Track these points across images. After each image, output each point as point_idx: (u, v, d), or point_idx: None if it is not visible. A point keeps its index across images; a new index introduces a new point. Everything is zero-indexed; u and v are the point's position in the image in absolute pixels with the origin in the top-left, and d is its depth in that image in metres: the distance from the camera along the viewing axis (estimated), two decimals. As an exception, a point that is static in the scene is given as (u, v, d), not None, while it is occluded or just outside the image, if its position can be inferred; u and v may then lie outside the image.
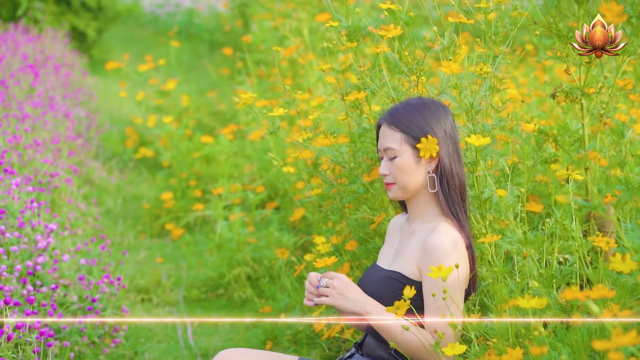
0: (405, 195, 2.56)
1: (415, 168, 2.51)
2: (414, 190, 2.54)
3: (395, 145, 2.51)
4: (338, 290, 2.43)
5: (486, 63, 2.88)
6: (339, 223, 3.44)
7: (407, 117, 2.52)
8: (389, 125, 2.54)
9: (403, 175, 2.52)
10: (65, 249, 4.22)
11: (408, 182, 2.52)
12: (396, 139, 2.52)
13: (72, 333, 3.76)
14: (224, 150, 5.83)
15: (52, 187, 5.08)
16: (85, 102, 8.18)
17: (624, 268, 1.94)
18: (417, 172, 2.52)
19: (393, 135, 2.53)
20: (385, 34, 2.89)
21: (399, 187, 2.54)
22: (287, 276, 4.14)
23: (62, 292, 3.89)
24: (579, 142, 3.17)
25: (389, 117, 2.55)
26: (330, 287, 2.43)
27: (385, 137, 2.55)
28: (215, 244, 4.74)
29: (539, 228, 2.75)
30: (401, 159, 2.51)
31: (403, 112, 2.54)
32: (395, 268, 2.53)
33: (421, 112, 2.52)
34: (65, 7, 10.86)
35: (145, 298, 4.59)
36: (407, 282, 2.47)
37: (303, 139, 3.10)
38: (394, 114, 2.55)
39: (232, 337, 4.09)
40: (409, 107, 2.55)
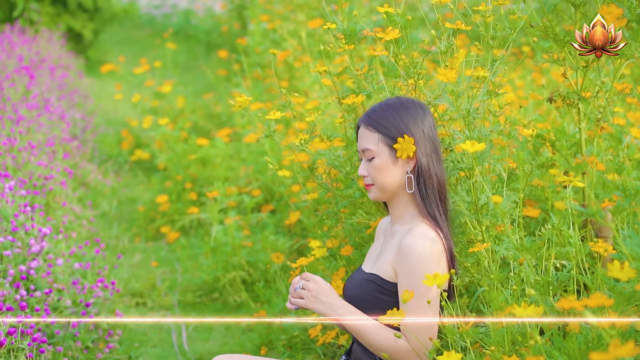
0: (384, 196, 2.55)
1: (392, 169, 2.50)
2: (392, 190, 2.53)
3: (373, 146, 2.51)
4: (312, 293, 2.43)
5: (484, 67, 2.86)
6: (335, 227, 3.42)
7: (384, 118, 2.51)
8: (367, 126, 2.54)
9: (381, 176, 2.51)
10: (59, 253, 4.19)
11: (386, 183, 2.51)
12: (373, 139, 2.51)
13: (66, 338, 3.73)
14: (219, 153, 5.79)
15: (47, 190, 5.05)
16: (81, 104, 8.15)
17: (622, 276, 1.91)
18: (395, 172, 2.51)
19: (370, 136, 2.52)
20: (384, 36, 2.87)
21: (378, 188, 2.54)
22: (282, 280, 4.11)
23: (55, 297, 3.86)
24: (576, 147, 3.15)
25: (367, 118, 2.55)
26: (305, 289, 2.44)
27: (363, 138, 2.54)
28: (211, 247, 4.70)
29: (536, 233, 2.72)
30: (379, 159, 2.51)
31: (380, 113, 2.53)
32: (374, 270, 2.52)
33: (398, 112, 2.51)
34: (61, 8, 10.83)
35: (139, 302, 4.55)
36: (384, 284, 2.46)
37: (299, 141, 3.07)
38: (372, 115, 2.54)
39: (227, 342, 4.06)
40: (387, 107, 2.54)
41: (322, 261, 3.47)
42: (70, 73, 8.88)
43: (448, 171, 2.75)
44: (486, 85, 2.86)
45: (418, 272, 2.35)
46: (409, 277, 2.37)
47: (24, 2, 10.22)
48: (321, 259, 3.45)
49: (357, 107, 3.34)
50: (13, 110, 5.78)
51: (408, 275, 2.38)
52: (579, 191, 3.13)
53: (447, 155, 2.83)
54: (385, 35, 2.88)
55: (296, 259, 4.40)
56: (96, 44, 11.57)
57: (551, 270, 2.46)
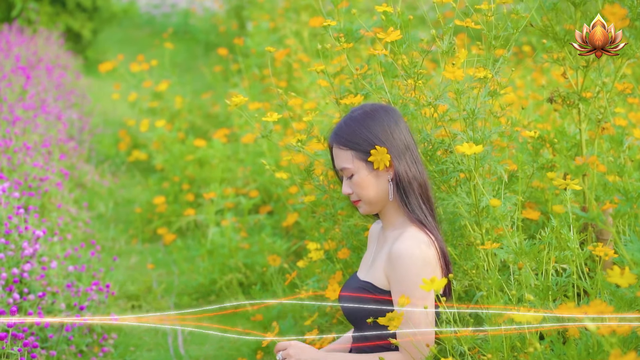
0: (374, 209, 2.51)
1: (375, 182, 2.45)
2: (380, 202, 2.48)
3: (349, 164, 2.46)
4: (295, 358, 2.42)
5: (486, 67, 2.80)
6: (332, 230, 3.37)
7: (352, 133, 2.45)
8: (338, 145, 2.48)
9: (365, 191, 2.46)
10: (54, 255, 4.14)
11: (372, 197, 2.47)
12: (348, 157, 2.46)
13: (60, 342, 3.68)
14: (217, 153, 5.74)
15: (42, 191, 5.00)
16: (78, 104, 8.09)
17: (623, 282, 1.86)
18: (378, 184, 2.46)
19: (344, 155, 2.47)
20: (384, 37, 2.81)
21: (365, 203, 2.49)
22: (279, 283, 4.06)
23: (50, 300, 3.81)
24: (576, 148, 3.10)
25: (335, 137, 2.50)
26: (287, 358, 2.44)
27: (338, 158, 2.49)
28: (207, 249, 4.65)
29: (536, 236, 2.67)
30: (358, 176, 2.46)
31: (347, 129, 2.47)
32: (368, 278, 2.48)
33: (364, 123, 2.45)
34: (60, 8, 10.79)
35: (135, 305, 4.50)
36: (377, 292, 2.41)
37: (296, 141, 3.02)
38: (339, 133, 2.49)
39: (223, 346, 4.01)
40: (351, 121, 2.48)
41: (320, 264, 3.41)
42: (68, 73, 8.83)
43: (448, 173, 2.70)
44: (488, 86, 2.80)
45: (410, 277, 2.31)
46: (401, 283, 2.32)
47: (23, 2, 10.17)
48: (318, 261, 3.40)
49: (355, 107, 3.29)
50: (9, 111, 5.73)
51: (400, 281, 2.33)
52: (579, 193, 3.08)
53: (447, 156, 2.78)
54: (386, 37, 2.82)
55: (294, 261, 4.36)
56: (95, 43, 11.53)
57: (551, 275, 2.41)
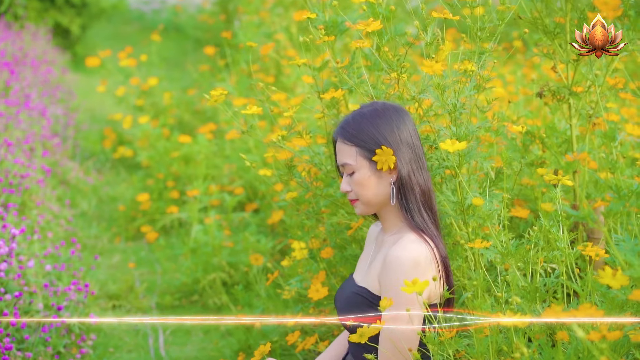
0: (371, 210, 2.41)
1: (376, 182, 2.35)
2: (378, 204, 2.38)
3: (351, 160, 2.36)
4: None
5: (471, 60, 2.70)
6: (315, 228, 3.27)
7: (359, 129, 2.35)
8: (343, 140, 2.38)
9: (364, 191, 2.36)
10: (33, 254, 4.03)
11: (371, 197, 2.36)
12: (351, 153, 2.36)
13: (36, 343, 3.58)
14: (202, 150, 5.62)
15: (23, 188, 4.88)
16: (64, 99, 7.96)
17: (615, 284, 1.77)
18: (379, 185, 2.36)
19: (348, 150, 2.37)
20: (364, 27, 2.71)
21: (363, 203, 2.39)
22: (261, 283, 3.95)
23: (27, 300, 3.70)
24: (567, 144, 3.01)
25: (341, 131, 2.39)
26: None
27: (341, 153, 2.39)
28: (190, 248, 4.54)
29: (525, 236, 2.57)
30: (359, 174, 2.36)
31: (354, 124, 2.37)
32: (363, 284, 2.38)
33: (373, 121, 2.36)
34: (48, 3, 10.68)
35: (116, 305, 4.39)
36: (372, 298, 2.31)
37: (277, 137, 2.92)
38: (346, 127, 2.38)
39: (205, 347, 3.91)
40: (360, 117, 2.38)
41: (304, 263, 3.31)
42: (55, 69, 8.70)
43: (433, 170, 2.60)
44: (474, 79, 2.70)
45: (399, 283, 2.19)
46: (389, 290, 2.23)
47: (10, -3, 10.06)
48: (302, 261, 3.30)
49: (338, 102, 3.19)
50: (-9, 107, 5.62)
51: (388, 287, 2.23)
52: (569, 191, 2.99)
53: (432, 152, 2.68)
54: (367, 27, 2.72)
55: (280, 260, 4.26)
56: (84, 39, 11.41)
57: (538, 276, 2.31)
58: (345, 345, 2.62)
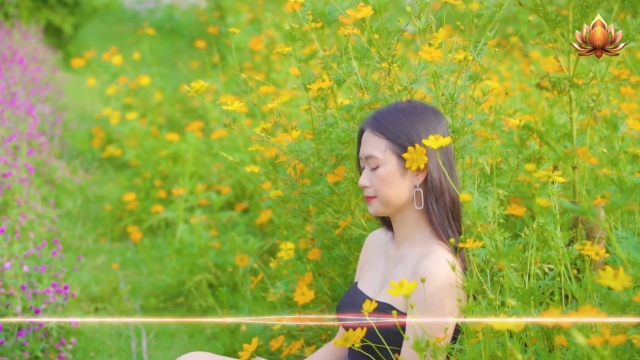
0: (387, 211, 2.25)
1: (399, 180, 2.20)
2: (397, 205, 2.23)
3: (379, 153, 2.20)
4: None
5: (467, 49, 2.56)
6: (302, 228, 3.12)
7: (394, 123, 2.21)
8: (373, 130, 2.23)
9: (386, 188, 2.21)
10: (13, 255, 3.88)
11: (391, 196, 2.21)
12: (380, 146, 2.21)
13: (13, 347, 3.43)
14: (190, 148, 5.47)
15: (5, 187, 4.73)
16: (52, 98, 7.81)
17: (616, 285, 1.62)
18: (402, 185, 2.20)
19: (377, 142, 2.22)
20: (354, 14, 2.56)
21: (381, 202, 2.23)
22: (247, 286, 3.79)
23: (4, 302, 3.55)
24: (566, 138, 2.86)
25: (374, 122, 2.24)
26: None
27: (368, 144, 2.24)
28: (175, 248, 4.39)
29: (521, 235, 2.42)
30: (384, 169, 2.20)
31: (389, 117, 2.22)
32: (383, 299, 2.21)
33: (409, 117, 2.21)
34: (40, 2, 10.57)
35: (99, 307, 4.23)
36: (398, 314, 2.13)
37: (260, 130, 2.77)
38: (379, 118, 2.23)
39: (189, 350, 3.76)
40: (396, 111, 2.24)
41: (291, 264, 3.17)
42: (45, 67, 8.56)
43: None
44: (468, 69, 2.56)
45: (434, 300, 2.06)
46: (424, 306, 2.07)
47: (2, -4, 9.92)
48: (289, 262, 3.15)
49: (326, 94, 3.05)
50: (-26, 105, 5.47)
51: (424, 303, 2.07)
52: (568, 187, 2.84)
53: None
54: (356, 13, 2.58)
55: (268, 261, 4.11)
56: (76, 38, 11.28)
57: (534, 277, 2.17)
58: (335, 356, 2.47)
